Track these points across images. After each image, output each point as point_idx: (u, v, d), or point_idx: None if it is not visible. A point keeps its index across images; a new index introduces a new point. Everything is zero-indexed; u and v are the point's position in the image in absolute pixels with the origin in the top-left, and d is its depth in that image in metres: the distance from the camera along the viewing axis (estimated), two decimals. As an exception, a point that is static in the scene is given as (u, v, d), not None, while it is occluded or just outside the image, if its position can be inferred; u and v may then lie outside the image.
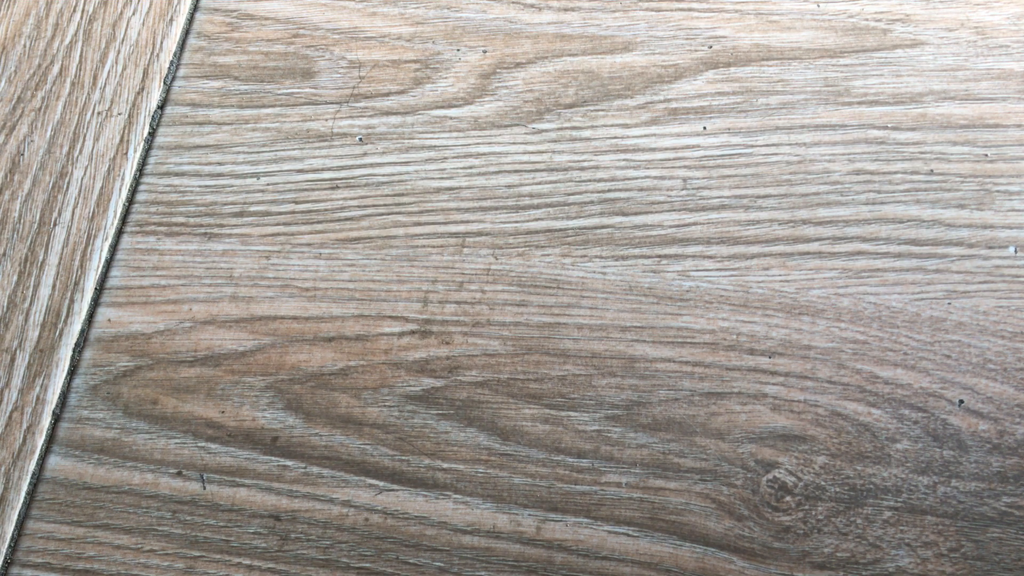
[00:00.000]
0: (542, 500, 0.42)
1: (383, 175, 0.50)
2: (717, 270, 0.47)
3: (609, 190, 0.49)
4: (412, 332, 0.45)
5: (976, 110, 0.50)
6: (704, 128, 0.50)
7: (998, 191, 0.48)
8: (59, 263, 0.48)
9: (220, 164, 0.50)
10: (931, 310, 0.45)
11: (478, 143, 0.50)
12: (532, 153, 0.50)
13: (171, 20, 0.54)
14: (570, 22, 0.54)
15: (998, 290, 0.46)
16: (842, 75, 0.51)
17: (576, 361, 0.45)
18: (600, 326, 0.45)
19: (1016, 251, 0.47)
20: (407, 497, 0.42)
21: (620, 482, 0.42)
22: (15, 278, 0.47)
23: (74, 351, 0.46)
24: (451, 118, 0.51)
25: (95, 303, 0.47)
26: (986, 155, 0.49)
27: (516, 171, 0.49)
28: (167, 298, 0.47)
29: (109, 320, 0.47)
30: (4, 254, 0.48)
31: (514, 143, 0.50)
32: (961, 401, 0.44)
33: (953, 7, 0.53)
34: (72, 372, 0.46)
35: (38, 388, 0.46)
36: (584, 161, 0.50)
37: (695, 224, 0.48)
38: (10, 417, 0.45)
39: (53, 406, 0.45)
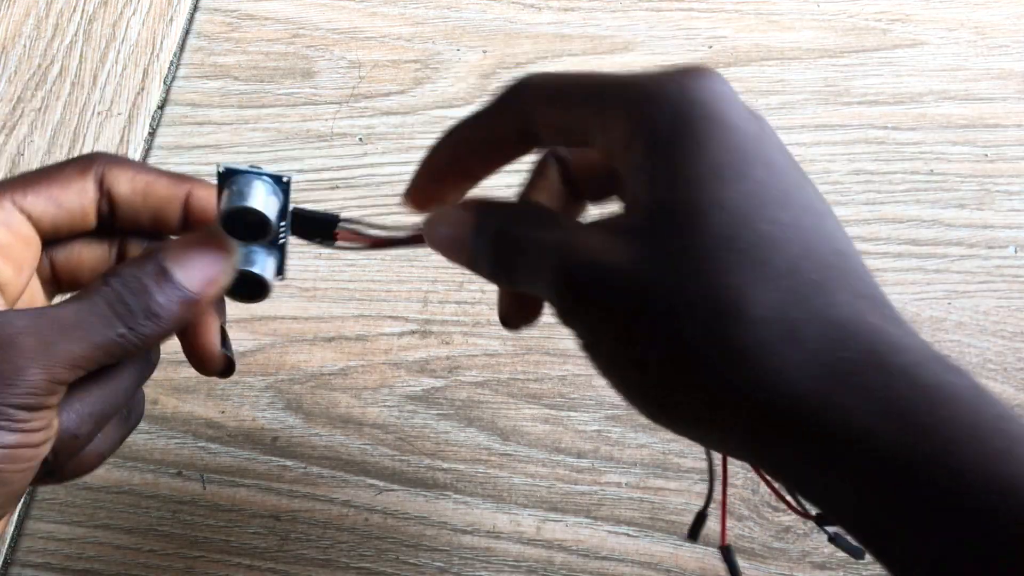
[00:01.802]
0: (542, 500, 0.42)
1: (383, 175, 0.50)
2: (717, 270, 0.47)
3: (609, 190, 0.49)
4: (412, 332, 0.45)
5: (976, 110, 0.50)
6: (704, 128, 0.50)
7: (998, 191, 0.48)
8: (59, 263, 0.48)
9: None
10: (931, 310, 0.45)
11: (478, 143, 0.50)
12: (532, 153, 0.50)
13: (171, 20, 0.54)
14: (570, 22, 0.54)
15: (998, 290, 0.46)
16: (842, 75, 0.51)
17: (576, 361, 0.45)
18: (600, 326, 0.45)
19: (1016, 251, 0.47)
20: (407, 497, 0.42)
21: (620, 482, 0.42)
22: (15, 278, 0.47)
23: (74, 351, 0.46)
24: (451, 118, 0.51)
25: (95, 303, 0.47)
26: (986, 155, 0.49)
27: (516, 171, 0.49)
28: (167, 298, 0.47)
29: (109, 320, 0.47)
30: (4, 254, 0.48)
31: (514, 143, 0.50)
32: (961, 401, 0.43)
33: (953, 7, 0.53)
34: (72, 372, 0.46)
35: (38, 388, 0.46)
36: (584, 161, 0.50)
37: (695, 224, 0.48)
38: (10, 417, 0.45)
39: (53, 406, 0.45)
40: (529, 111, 0.30)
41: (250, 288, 0.30)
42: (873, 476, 0.22)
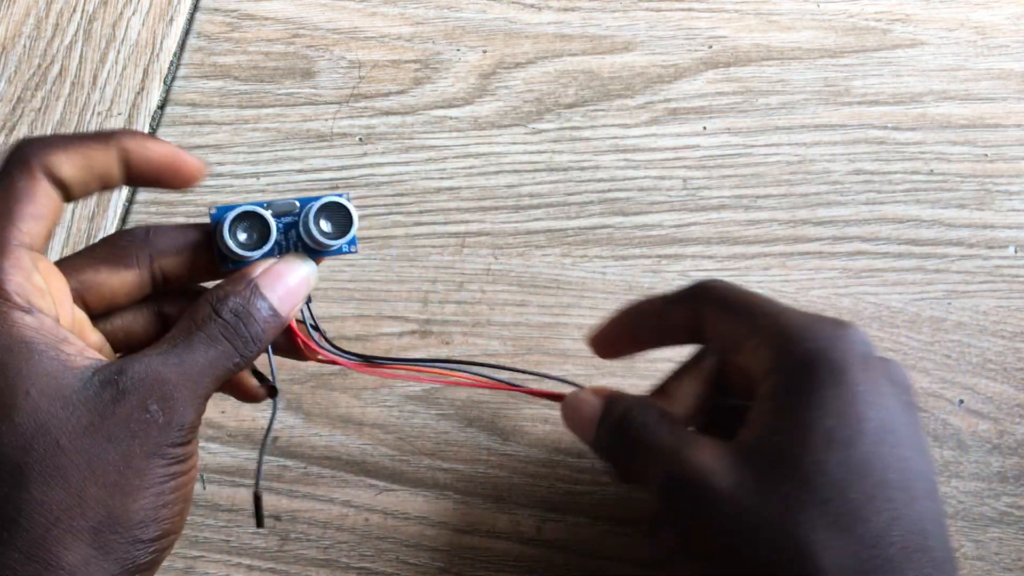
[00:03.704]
0: (542, 500, 0.42)
1: (383, 175, 0.50)
2: (717, 270, 0.47)
3: (609, 190, 0.49)
4: (412, 332, 0.45)
5: (976, 110, 0.50)
6: (704, 128, 0.50)
7: (998, 191, 0.48)
8: (59, 263, 0.48)
9: (220, 164, 0.50)
10: (931, 310, 0.45)
11: (478, 143, 0.50)
12: (532, 153, 0.50)
13: (171, 20, 0.54)
14: (570, 22, 0.54)
15: (998, 290, 0.46)
16: (842, 75, 0.51)
17: (576, 361, 0.45)
18: (600, 326, 0.45)
19: (1016, 251, 0.47)
20: (407, 497, 0.42)
21: (620, 482, 0.42)
22: (15, 278, 0.47)
23: (74, 351, 0.46)
24: (451, 118, 0.51)
25: (95, 303, 0.47)
26: (986, 155, 0.49)
27: (516, 171, 0.49)
28: (167, 298, 0.47)
29: (109, 320, 0.47)
30: (4, 254, 0.48)
31: (514, 143, 0.50)
32: (961, 401, 0.44)
33: (953, 7, 0.53)
34: (72, 372, 0.46)
35: (38, 388, 0.45)
36: (584, 161, 0.50)
37: (695, 224, 0.48)
38: (10, 417, 0.45)
39: (53, 406, 0.45)
40: (702, 312, 0.33)
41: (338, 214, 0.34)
42: None
